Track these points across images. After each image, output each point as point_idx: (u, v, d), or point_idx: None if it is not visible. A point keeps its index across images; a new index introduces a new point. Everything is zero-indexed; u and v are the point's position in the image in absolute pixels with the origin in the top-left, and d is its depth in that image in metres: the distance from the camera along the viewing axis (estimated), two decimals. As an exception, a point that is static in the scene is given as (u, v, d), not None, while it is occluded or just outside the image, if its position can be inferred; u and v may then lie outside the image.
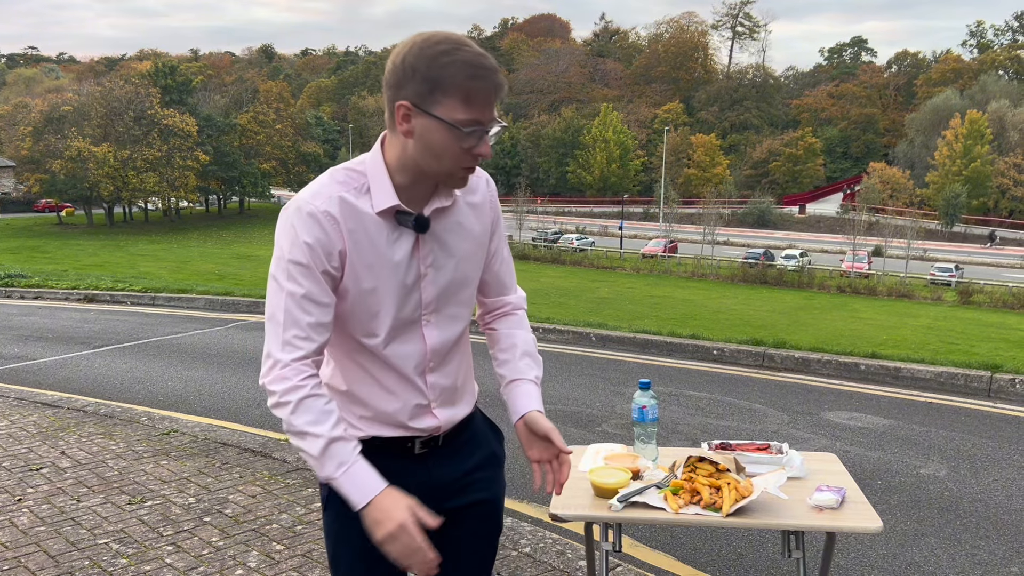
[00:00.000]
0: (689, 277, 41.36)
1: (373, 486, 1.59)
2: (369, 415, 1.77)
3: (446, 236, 1.73)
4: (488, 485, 1.92)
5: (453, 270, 1.75)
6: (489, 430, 1.99)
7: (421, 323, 1.74)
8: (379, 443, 1.76)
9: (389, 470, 1.70)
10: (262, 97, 74.34)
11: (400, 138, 1.63)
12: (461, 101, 1.55)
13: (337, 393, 1.78)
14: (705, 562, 4.12)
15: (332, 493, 1.74)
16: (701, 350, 9.48)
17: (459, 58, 1.55)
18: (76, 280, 18.78)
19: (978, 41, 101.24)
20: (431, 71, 1.55)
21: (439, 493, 1.82)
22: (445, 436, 1.84)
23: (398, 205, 1.65)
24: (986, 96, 76.44)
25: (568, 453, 1.87)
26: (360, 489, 1.59)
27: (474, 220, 1.79)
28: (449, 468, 1.84)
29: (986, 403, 7.36)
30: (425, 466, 1.81)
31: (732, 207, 65.97)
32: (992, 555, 4.22)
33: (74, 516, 4.25)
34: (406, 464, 1.79)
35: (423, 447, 1.81)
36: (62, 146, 55.14)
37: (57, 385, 7.88)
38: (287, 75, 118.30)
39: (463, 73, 1.54)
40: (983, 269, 49.31)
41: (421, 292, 1.72)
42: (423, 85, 1.56)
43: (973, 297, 33.72)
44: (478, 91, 1.56)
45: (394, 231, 1.68)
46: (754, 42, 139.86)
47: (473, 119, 1.57)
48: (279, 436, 5.95)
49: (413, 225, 1.67)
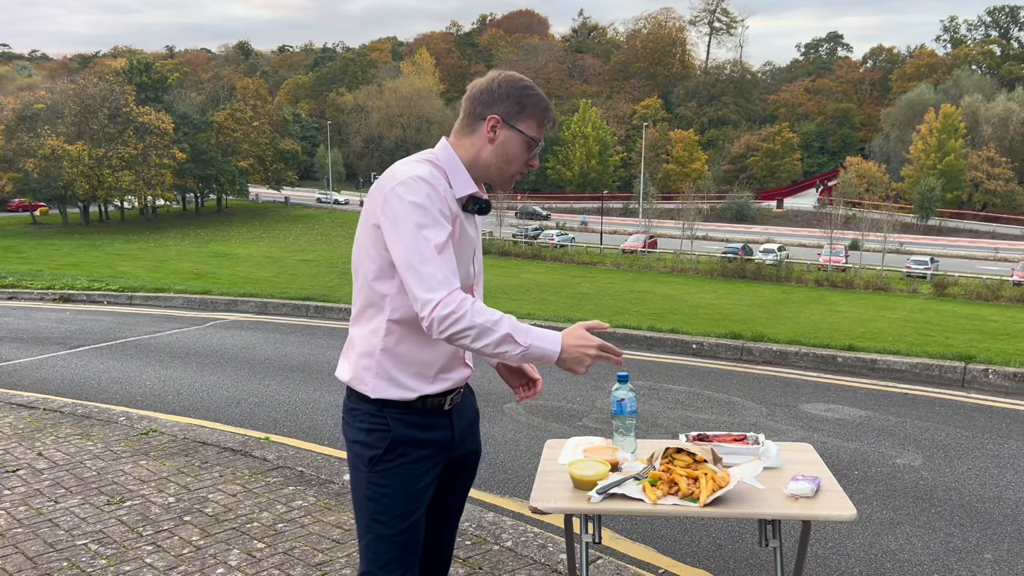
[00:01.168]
0: (669, 272, 41.56)
1: (555, 336, 2.03)
2: (418, 371, 2.12)
3: (479, 222, 2.23)
4: (476, 438, 2.38)
5: (479, 249, 2.26)
6: (471, 391, 2.39)
7: (473, 289, 2.23)
8: (424, 404, 2.14)
9: (432, 431, 2.15)
10: (239, 94, 73.84)
11: (480, 142, 2.11)
12: (537, 123, 2.13)
13: (387, 355, 2.11)
14: (685, 553, 4.16)
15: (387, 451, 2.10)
16: (681, 344, 9.54)
17: (539, 94, 2.14)
18: (51, 280, 18.56)
19: (951, 36, 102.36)
20: (521, 98, 2.10)
21: (455, 444, 2.24)
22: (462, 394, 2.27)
23: (477, 192, 2.12)
24: (959, 91, 77.39)
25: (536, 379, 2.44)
26: (550, 341, 2.01)
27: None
28: (460, 423, 2.26)
29: (960, 393, 7.47)
30: (449, 421, 2.21)
31: (711, 202, 66.31)
32: (966, 542, 4.29)
33: (52, 517, 4.22)
34: (439, 421, 2.17)
35: (451, 403, 2.20)
36: (35, 144, 54.47)
37: (33, 386, 7.80)
38: (264, 72, 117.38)
39: (542, 105, 2.13)
40: (958, 262, 49.94)
41: (475, 264, 2.21)
42: (514, 106, 2.09)
43: (948, 289, 34.17)
44: (549, 119, 2.14)
45: (470, 216, 2.15)
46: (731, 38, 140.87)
47: (539, 138, 2.13)
48: (259, 435, 5.93)
49: (481, 208, 2.15)
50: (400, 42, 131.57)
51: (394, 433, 2.10)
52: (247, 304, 13.25)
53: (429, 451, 2.14)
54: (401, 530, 2.11)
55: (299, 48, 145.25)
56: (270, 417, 6.64)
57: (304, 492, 4.59)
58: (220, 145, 68.03)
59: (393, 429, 2.10)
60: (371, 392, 2.11)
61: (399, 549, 2.12)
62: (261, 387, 7.66)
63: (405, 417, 2.11)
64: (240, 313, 12.90)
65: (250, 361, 8.95)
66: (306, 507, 4.36)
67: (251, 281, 26.79)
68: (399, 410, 2.11)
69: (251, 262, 36.30)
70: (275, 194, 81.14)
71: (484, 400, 7.06)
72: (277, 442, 5.68)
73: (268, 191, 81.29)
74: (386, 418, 2.11)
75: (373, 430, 2.12)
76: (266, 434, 5.97)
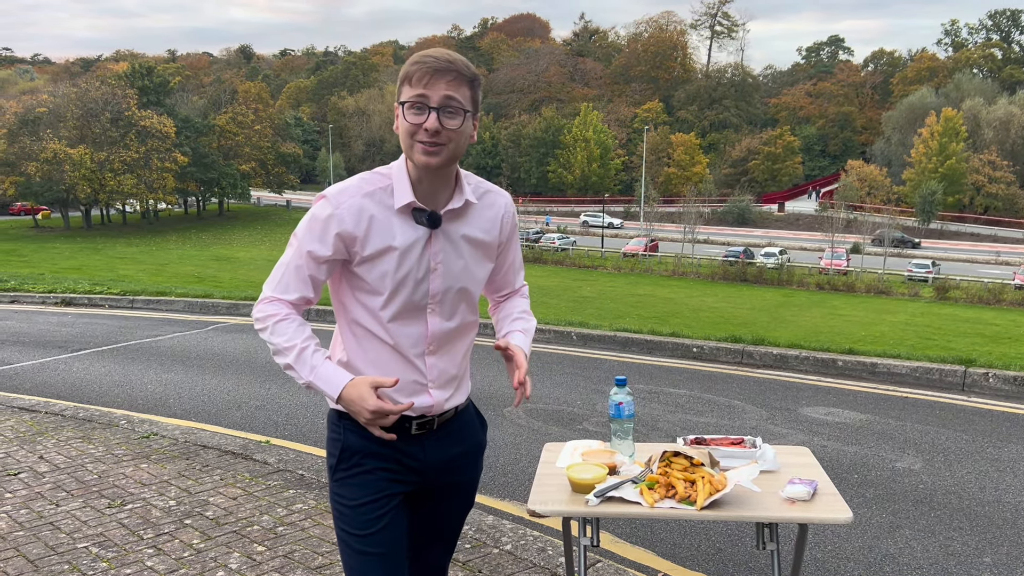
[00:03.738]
0: (670, 276, 41.54)
1: (339, 381, 1.94)
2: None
3: (457, 239, 2.02)
4: (469, 469, 2.22)
5: (461, 270, 2.03)
6: (477, 419, 2.26)
7: (427, 310, 2.02)
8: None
9: (390, 449, 2.04)
10: (240, 98, 73.91)
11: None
12: (409, 84, 1.89)
13: (347, 368, 2.05)
14: (684, 556, 4.16)
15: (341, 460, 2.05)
16: (681, 348, 9.55)
17: (418, 56, 1.92)
18: (53, 283, 18.59)
19: (952, 40, 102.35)
20: (401, 73, 1.93)
21: (431, 472, 2.11)
22: (439, 422, 2.10)
23: (413, 202, 1.94)
24: (961, 94, 77.36)
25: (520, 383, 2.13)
26: (331, 385, 1.94)
27: (487, 230, 2.08)
28: (441, 451, 2.11)
29: (960, 397, 7.47)
30: (421, 447, 2.08)
31: (712, 205, 66.34)
32: (965, 546, 4.30)
33: (53, 520, 4.23)
34: (405, 443, 2.05)
35: (419, 429, 2.07)
36: (37, 148, 54.54)
37: (35, 389, 7.82)
38: (266, 76, 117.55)
39: (411, 62, 1.91)
40: (959, 265, 49.90)
41: (430, 284, 1.99)
42: (399, 87, 1.93)
43: (949, 293, 34.11)
44: (416, 71, 1.88)
45: (412, 228, 1.96)
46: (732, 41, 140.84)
47: (416, 94, 1.87)
48: (260, 438, 5.94)
49: (427, 220, 1.95)
50: (402, 46, 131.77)
51: (345, 441, 2.05)
52: (248, 307, 13.26)
53: (387, 464, 2.05)
54: (366, 542, 2.03)
55: (301, 52, 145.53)
56: (271, 420, 6.65)
57: (304, 495, 4.60)
58: (222, 149, 68.09)
59: (344, 438, 2.05)
60: (331, 401, 2.04)
61: (371, 563, 2.03)
62: (262, 391, 7.68)
63: (359, 428, 2.03)
64: (241, 317, 12.92)
65: (251, 365, 8.97)
66: (306, 510, 4.37)
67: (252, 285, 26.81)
68: (354, 422, 2.03)
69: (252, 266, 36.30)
70: (277, 198, 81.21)
71: (484, 403, 7.08)
72: (278, 445, 5.69)
73: (270, 195, 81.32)
74: (341, 428, 2.07)
75: (333, 439, 2.09)
76: (267, 437, 5.98)
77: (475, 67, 1.98)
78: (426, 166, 1.90)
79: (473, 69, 1.94)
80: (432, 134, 1.87)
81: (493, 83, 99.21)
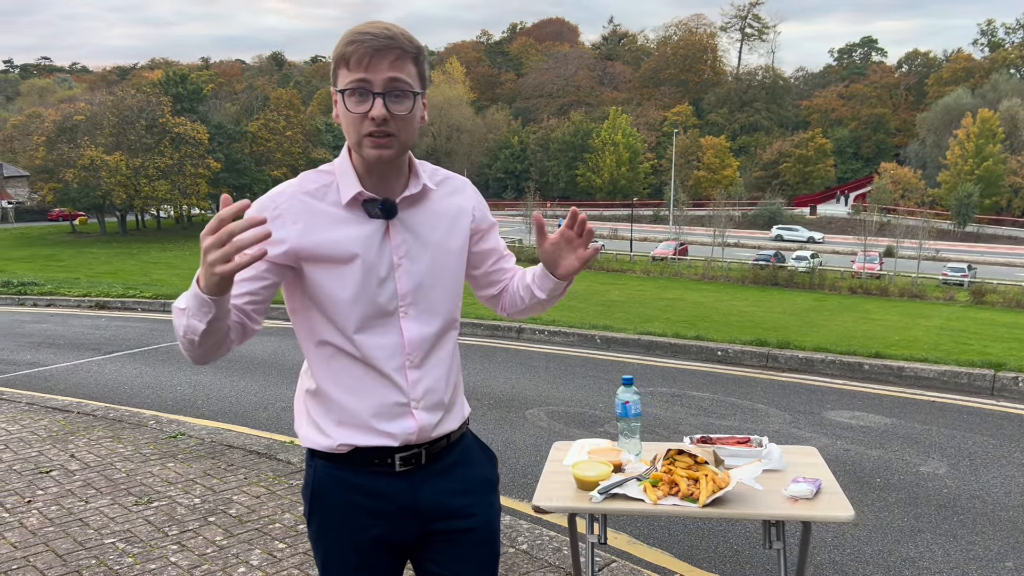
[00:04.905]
0: (700, 279, 41.26)
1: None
2: (343, 418, 1.74)
3: (420, 228, 1.75)
4: (481, 510, 1.86)
5: (430, 262, 1.75)
6: (482, 453, 1.93)
7: (399, 315, 1.73)
8: (359, 457, 1.75)
9: (371, 491, 1.75)
10: (272, 104, 74.75)
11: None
12: (346, 68, 1.62)
13: (312, 396, 1.79)
14: (701, 558, 4.17)
15: (313, 504, 1.80)
16: (705, 351, 9.51)
17: (351, 32, 1.63)
18: (88, 287, 18.97)
19: (989, 40, 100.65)
20: (334, 54, 1.65)
21: (426, 514, 1.79)
22: (429, 454, 1.79)
23: (361, 192, 1.68)
24: (997, 95, 75.99)
25: (581, 218, 1.87)
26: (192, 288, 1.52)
27: (453, 216, 1.81)
28: (436, 489, 1.80)
29: (989, 401, 7.37)
30: (410, 485, 1.77)
31: (742, 209, 65.80)
32: (987, 551, 4.25)
33: (82, 517, 4.34)
34: (389, 483, 1.76)
35: (404, 464, 1.76)
36: (75, 155, 55.59)
37: (68, 390, 8.00)
38: (297, 82, 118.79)
39: (343, 42, 1.62)
40: (996, 269, 48.99)
41: (396, 282, 1.72)
42: (333, 71, 1.66)
43: (986, 297, 33.49)
44: (350, 54, 1.61)
45: (363, 223, 1.70)
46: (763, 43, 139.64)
47: (356, 79, 1.60)
48: (284, 438, 6.03)
49: (380, 210, 1.69)
50: (431, 51, 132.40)
51: (316, 485, 1.80)
52: (277, 311, 13.39)
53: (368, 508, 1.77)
54: None
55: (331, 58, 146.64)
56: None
57: (325, 494, 4.67)
58: (254, 155, 68.95)
59: (315, 480, 1.80)
60: (302, 439, 1.82)
61: None
62: (288, 392, 7.79)
63: (333, 469, 1.78)
64: (270, 320, 13.08)
65: (278, 367, 9.09)
66: (327, 509, 4.44)
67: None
68: (326, 460, 1.79)
69: (283, 270, 36.68)
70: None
71: (506, 406, 7.12)
72: (301, 446, 5.77)
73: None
74: (313, 468, 1.82)
75: (306, 483, 1.84)
76: (291, 438, 6.07)
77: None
78: (378, 160, 1.65)
79: (416, 41, 1.68)
80: (380, 123, 1.61)
81: (522, 87, 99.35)
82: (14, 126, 67.66)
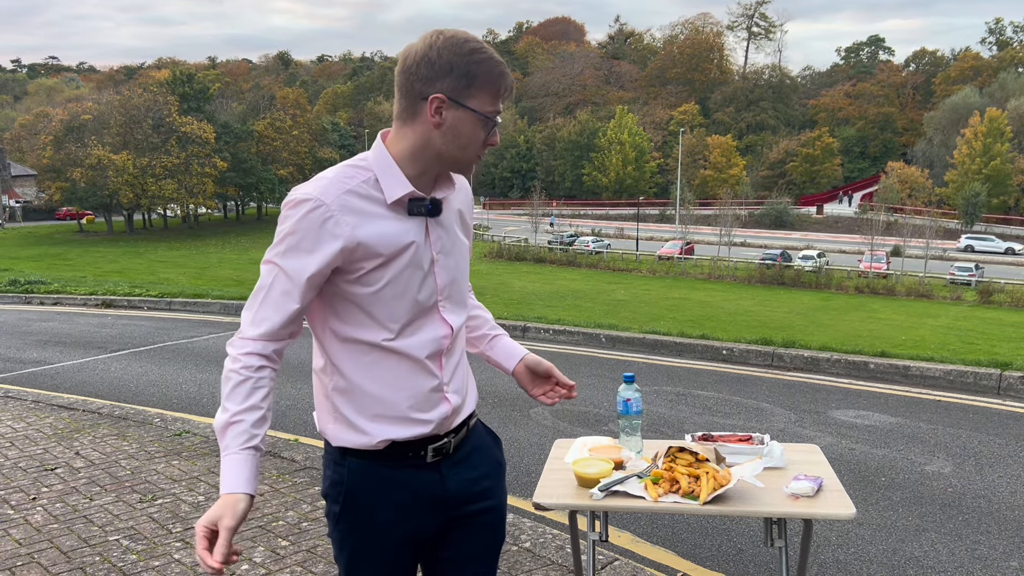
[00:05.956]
0: (706, 279, 41.20)
1: (228, 483, 1.63)
2: (379, 411, 1.76)
3: (448, 224, 1.81)
4: (495, 493, 1.94)
5: (458, 256, 1.83)
6: (488, 436, 2.00)
7: (439, 308, 1.79)
8: (395, 452, 1.78)
9: (405, 484, 1.79)
10: (279, 104, 74.96)
11: (425, 128, 1.69)
12: (491, 96, 1.68)
13: (342, 394, 1.79)
14: (705, 557, 4.16)
15: (346, 504, 1.81)
16: (711, 350, 9.50)
17: (490, 56, 1.68)
18: (94, 286, 19.04)
19: (997, 38, 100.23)
20: (469, 67, 1.66)
21: (452, 502, 1.84)
22: (456, 443, 1.86)
23: (412, 192, 1.71)
24: (1005, 94, 75.69)
25: (572, 385, 2.10)
26: (225, 482, 1.64)
27: (465, 213, 1.90)
28: (460, 477, 1.86)
29: (995, 401, 7.34)
30: (439, 475, 1.82)
31: (749, 208, 65.72)
32: (992, 550, 4.24)
33: (86, 514, 4.36)
34: (421, 475, 1.81)
35: (435, 455, 1.81)
36: (82, 154, 55.78)
37: (74, 388, 8.03)
38: (303, 82, 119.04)
39: (495, 72, 1.68)
40: (1004, 268, 48.80)
41: (436, 277, 1.77)
42: (461, 80, 1.66)
43: (994, 297, 33.37)
44: (505, 88, 1.70)
45: (406, 220, 1.73)
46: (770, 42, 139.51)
47: (496, 112, 1.70)
48: (288, 436, 6.05)
49: (428, 210, 1.73)
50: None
51: (351, 484, 1.80)
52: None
53: (404, 504, 1.80)
54: None
55: (338, 58, 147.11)
56: (300, 420, 6.76)
57: (329, 492, 4.67)
58: (260, 154, 69.05)
59: (350, 481, 1.80)
60: (332, 439, 1.81)
61: None
62: (293, 390, 7.80)
63: (369, 466, 1.79)
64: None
65: (283, 364, 9.10)
66: (330, 507, 4.44)
67: (289, 288, 27.15)
68: (361, 458, 1.79)
69: (289, 269, 36.73)
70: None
71: (511, 404, 7.12)
72: (305, 444, 5.79)
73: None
74: (346, 468, 1.81)
75: (336, 482, 1.82)
76: (295, 436, 6.08)
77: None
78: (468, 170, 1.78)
79: None
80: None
81: (528, 87, 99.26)
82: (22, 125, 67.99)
